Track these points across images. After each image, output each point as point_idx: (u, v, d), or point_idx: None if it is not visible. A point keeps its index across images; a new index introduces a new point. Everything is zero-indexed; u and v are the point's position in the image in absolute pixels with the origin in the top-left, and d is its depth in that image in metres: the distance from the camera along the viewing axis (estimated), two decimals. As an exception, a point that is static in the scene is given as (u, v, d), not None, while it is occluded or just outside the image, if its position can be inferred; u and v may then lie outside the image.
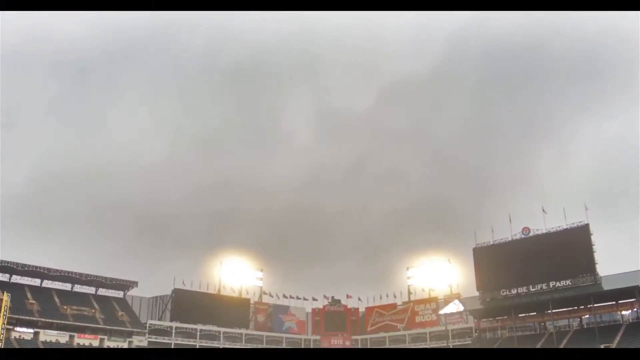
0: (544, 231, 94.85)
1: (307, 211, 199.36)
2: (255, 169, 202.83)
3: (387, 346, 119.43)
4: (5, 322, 74.16)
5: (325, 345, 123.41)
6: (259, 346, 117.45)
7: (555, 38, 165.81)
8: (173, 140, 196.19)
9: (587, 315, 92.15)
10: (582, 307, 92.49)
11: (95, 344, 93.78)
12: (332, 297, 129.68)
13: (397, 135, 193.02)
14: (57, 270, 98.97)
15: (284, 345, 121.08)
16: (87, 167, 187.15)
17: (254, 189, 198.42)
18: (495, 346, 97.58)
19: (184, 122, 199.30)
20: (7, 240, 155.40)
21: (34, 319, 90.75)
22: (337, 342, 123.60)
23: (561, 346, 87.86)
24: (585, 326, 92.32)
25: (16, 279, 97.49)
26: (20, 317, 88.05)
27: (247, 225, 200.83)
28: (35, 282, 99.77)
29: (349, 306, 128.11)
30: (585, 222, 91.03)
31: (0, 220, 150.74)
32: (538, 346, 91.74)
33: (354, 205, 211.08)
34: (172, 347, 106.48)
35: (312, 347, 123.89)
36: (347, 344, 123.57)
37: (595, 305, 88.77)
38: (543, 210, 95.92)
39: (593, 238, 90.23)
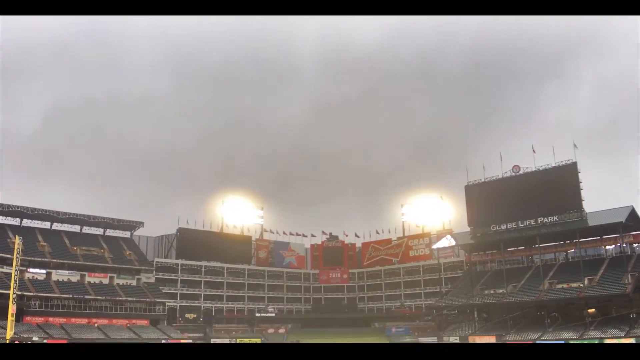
0: (533, 169, 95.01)
1: (310, 150, 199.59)
2: (261, 109, 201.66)
3: (383, 279, 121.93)
4: (19, 263, 74.78)
5: (323, 278, 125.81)
6: (261, 281, 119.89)
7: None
8: (182, 81, 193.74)
9: (573, 250, 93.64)
10: (568, 241, 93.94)
11: (105, 281, 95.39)
12: (330, 234, 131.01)
13: (403, 74, 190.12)
14: (65, 213, 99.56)
15: (285, 279, 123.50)
16: (99, 108, 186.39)
17: (260, 128, 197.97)
18: (484, 278, 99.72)
19: (193, 62, 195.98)
20: (18, 186, 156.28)
21: (46, 260, 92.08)
22: (334, 275, 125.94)
23: (547, 279, 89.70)
24: (570, 260, 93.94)
25: (27, 222, 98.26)
26: (33, 258, 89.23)
27: (250, 165, 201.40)
28: (46, 225, 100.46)
29: (346, 242, 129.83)
30: (573, 161, 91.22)
31: (11, 166, 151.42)
32: (525, 278, 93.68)
33: (356, 144, 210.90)
34: (179, 283, 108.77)
35: (311, 280, 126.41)
36: (345, 277, 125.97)
37: (580, 240, 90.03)
38: (533, 149, 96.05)
39: (581, 176, 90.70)
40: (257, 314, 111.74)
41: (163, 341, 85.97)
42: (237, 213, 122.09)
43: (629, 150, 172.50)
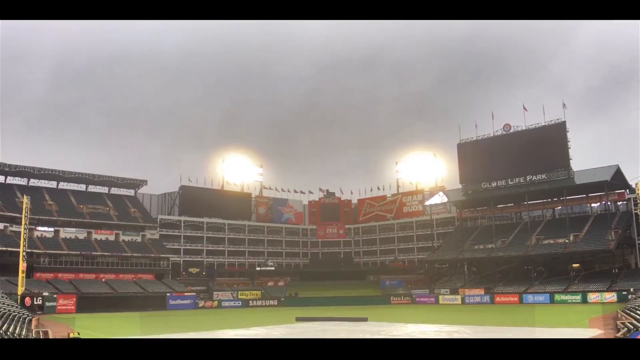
0: (524, 128, 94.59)
1: (310, 109, 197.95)
2: (268, 64, 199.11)
3: (377, 234, 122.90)
4: (27, 222, 75.10)
5: (320, 234, 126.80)
6: (261, 236, 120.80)
7: None
8: (189, 40, 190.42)
9: (560, 207, 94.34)
10: (555, 199, 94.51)
11: (111, 238, 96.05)
12: (327, 191, 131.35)
13: (408, 29, 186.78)
14: (71, 173, 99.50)
15: (284, 235, 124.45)
16: (109, 64, 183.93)
17: (265, 83, 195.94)
18: (474, 234, 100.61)
19: (201, 21, 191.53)
20: (25, 147, 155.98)
21: (53, 218, 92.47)
22: (331, 231, 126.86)
23: (534, 234, 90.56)
24: (557, 217, 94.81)
25: (34, 182, 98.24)
26: (41, 217, 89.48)
27: (252, 122, 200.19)
28: (52, 184, 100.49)
29: (342, 198, 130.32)
30: (562, 120, 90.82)
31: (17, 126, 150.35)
32: (513, 234, 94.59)
33: (356, 103, 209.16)
34: (182, 239, 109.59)
35: (309, 235, 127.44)
36: (341, 233, 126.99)
37: (567, 197, 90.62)
38: (524, 108, 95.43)
39: (570, 135, 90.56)
40: (257, 268, 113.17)
41: (168, 294, 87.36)
42: (237, 171, 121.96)
43: (618, 111, 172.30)
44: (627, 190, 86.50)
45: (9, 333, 38.86)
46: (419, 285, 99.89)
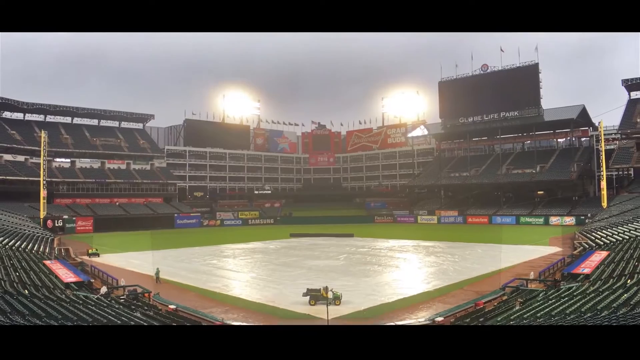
0: (500, 68, 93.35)
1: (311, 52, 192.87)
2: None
3: (364, 163, 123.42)
4: (46, 154, 74.75)
5: (312, 161, 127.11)
6: (259, 164, 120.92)
7: None
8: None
9: (529, 141, 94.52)
10: (525, 134, 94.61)
11: (123, 167, 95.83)
12: (319, 123, 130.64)
13: None
14: (84, 109, 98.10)
15: (279, 163, 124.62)
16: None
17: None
18: (451, 163, 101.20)
19: None
20: (41, 86, 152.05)
21: (70, 150, 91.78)
22: (322, 159, 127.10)
23: (505, 165, 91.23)
24: (526, 150, 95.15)
25: (50, 118, 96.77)
26: (58, 150, 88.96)
27: (250, 60, 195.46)
28: (67, 119, 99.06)
29: (332, 130, 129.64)
30: (535, 62, 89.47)
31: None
32: (486, 164, 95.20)
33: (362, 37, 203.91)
34: (187, 167, 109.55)
35: (302, 163, 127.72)
36: (331, 161, 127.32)
37: (536, 133, 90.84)
38: (501, 49, 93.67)
39: (541, 76, 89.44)
40: (256, 192, 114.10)
41: (175, 215, 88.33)
42: (237, 105, 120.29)
43: (590, 56, 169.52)
44: (591, 127, 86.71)
45: (33, 251, 39.57)
46: (400, 207, 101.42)
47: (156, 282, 32.23)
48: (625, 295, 20.42)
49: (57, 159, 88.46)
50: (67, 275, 30.93)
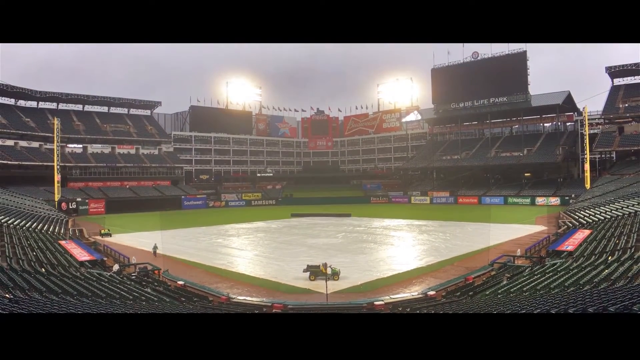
0: (490, 55, 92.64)
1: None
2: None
3: (360, 146, 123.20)
4: (59, 140, 74.67)
5: (311, 145, 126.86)
6: (261, 148, 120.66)
7: None
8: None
9: (517, 125, 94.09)
10: (514, 118, 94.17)
11: (132, 152, 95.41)
12: (317, 109, 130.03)
13: None
14: (95, 97, 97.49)
15: (280, 147, 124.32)
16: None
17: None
18: (443, 147, 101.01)
19: None
20: (50, 72, 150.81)
21: (81, 136, 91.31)
22: (321, 143, 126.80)
23: (494, 148, 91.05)
24: (514, 134, 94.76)
25: (62, 106, 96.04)
26: (70, 136, 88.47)
27: (252, 51, 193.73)
28: (78, 107, 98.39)
29: (330, 116, 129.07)
30: (524, 49, 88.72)
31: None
32: (476, 147, 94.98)
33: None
34: (193, 151, 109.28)
35: (302, 147, 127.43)
36: (329, 145, 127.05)
37: (523, 117, 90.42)
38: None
39: (529, 63, 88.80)
40: (258, 174, 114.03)
41: (182, 197, 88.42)
42: (239, 92, 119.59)
43: (576, 44, 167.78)
44: (576, 112, 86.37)
45: (49, 232, 39.70)
46: (395, 188, 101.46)
47: (154, 255, 34.64)
48: (606, 271, 20.61)
49: (70, 145, 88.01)
50: (81, 254, 31.10)
